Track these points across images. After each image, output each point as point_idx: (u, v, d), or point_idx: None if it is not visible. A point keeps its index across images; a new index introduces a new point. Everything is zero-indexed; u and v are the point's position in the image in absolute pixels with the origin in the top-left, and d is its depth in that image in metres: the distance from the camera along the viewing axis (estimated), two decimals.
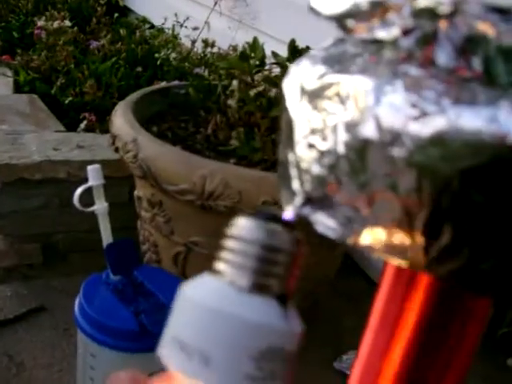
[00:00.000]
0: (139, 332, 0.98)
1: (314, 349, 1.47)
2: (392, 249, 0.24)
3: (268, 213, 0.26)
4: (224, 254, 0.26)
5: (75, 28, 2.70)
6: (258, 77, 1.29)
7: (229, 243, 0.26)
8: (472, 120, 0.21)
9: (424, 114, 0.22)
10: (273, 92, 1.24)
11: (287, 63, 1.25)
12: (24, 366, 1.40)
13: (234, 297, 0.25)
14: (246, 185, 1.10)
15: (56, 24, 2.50)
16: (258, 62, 1.32)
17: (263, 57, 1.34)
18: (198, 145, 1.36)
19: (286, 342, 0.25)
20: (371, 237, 0.24)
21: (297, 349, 0.26)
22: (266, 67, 1.34)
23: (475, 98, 0.22)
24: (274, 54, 1.32)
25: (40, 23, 2.62)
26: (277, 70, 1.32)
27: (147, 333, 0.97)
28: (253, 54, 1.33)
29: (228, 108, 1.30)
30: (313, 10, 0.28)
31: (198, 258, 1.27)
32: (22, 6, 3.13)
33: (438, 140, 0.21)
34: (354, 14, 0.26)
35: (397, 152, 0.23)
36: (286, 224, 0.26)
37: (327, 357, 1.50)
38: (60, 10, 2.86)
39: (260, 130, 1.24)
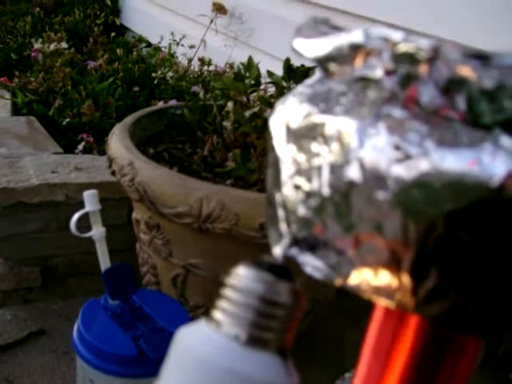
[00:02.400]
0: (138, 357, 0.96)
1: (316, 368, 1.46)
2: (380, 290, 0.23)
3: (268, 263, 0.26)
4: (222, 303, 0.26)
5: (72, 49, 2.71)
6: (253, 97, 1.28)
7: (227, 292, 0.26)
8: (455, 163, 0.21)
9: (407, 157, 0.22)
10: (268, 112, 1.24)
11: (282, 82, 1.25)
12: None
13: (236, 352, 0.24)
14: (243, 206, 1.09)
15: (52, 46, 2.50)
16: (253, 82, 1.31)
17: (258, 76, 1.33)
18: (195, 166, 1.35)
19: None
20: (359, 278, 0.24)
21: None
22: (262, 87, 1.34)
23: (458, 140, 0.22)
24: (270, 73, 1.31)
25: (37, 46, 2.63)
26: (272, 90, 1.31)
27: (146, 358, 0.96)
28: (248, 74, 1.32)
29: (224, 129, 1.30)
30: (296, 52, 0.28)
31: (196, 280, 1.25)
32: (20, 28, 3.16)
33: (422, 183, 0.21)
34: (335, 57, 0.26)
35: (381, 195, 0.23)
36: (287, 275, 0.26)
37: (330, 376, 1.49)
38: (57, 31, 2.87)
39: (256, 150, 1.23)
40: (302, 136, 0.27)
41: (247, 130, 1.22)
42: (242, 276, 0.26)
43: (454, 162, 0.21)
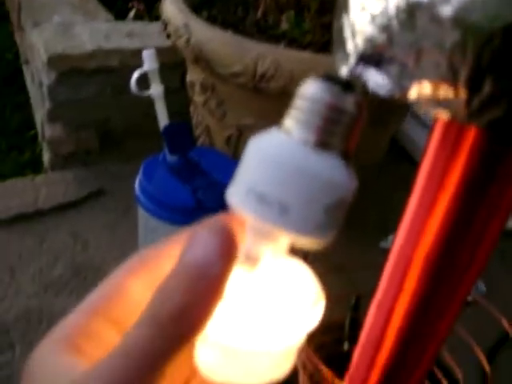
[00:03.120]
0: (196, 207, 1.03)
1: (362, 230, 1.52)
2: (437, 102, 0.25)
3: (335, 77, 0.27)
4: (292, 112, 0.28)
5: None
6: None
7: (297, 102, 0.28)
8: None
9: None
10: None
11: None
12: (88, 245, 1.49)
13: (307, 153, 0.26)
14: (297, 66, 1.10)
15: None
16: None
17: None
18: (248, 29, 1.35)
19: (349, 195, 0.27)
20: (418, 91, 0.25)
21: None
22: None
23: None
24: None
25: None
26: None
27: (203, 208, 1.02)
28: None
29: None
30: None
31: (249, 140, 1.27)
32: None
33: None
34: None
35: (444, 11, 0.24)
36: (351, 88, 0.27)
37: (374, 237, 1.54)
38: None
39: (310, 11, 1.23)
40: None
41: None
42: (311, 86, 0.27)
43: None
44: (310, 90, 0.28)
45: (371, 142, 1.32)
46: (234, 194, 0.28)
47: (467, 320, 0.88)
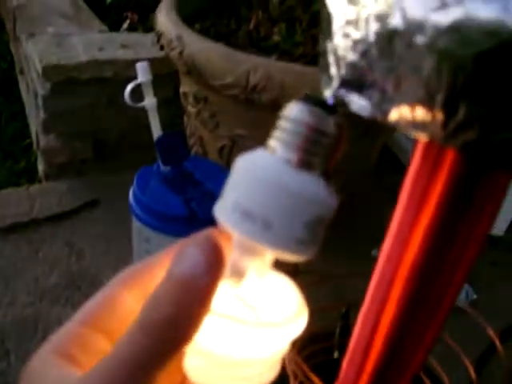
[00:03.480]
0: (189, 217, 1.04)
1: (353, 238, 1.53)
2: (416, 124, 0.26)
3: (316, 99, 0.29)
4: (276, 133, 0.29)
5: None
6: None
7: (281, 123, 0.29)
8: (485, 11, 0.23)
9: (444, 5, 0.23)
10: None
11: None
12: (83, 254, 1.50)
13: (289, 172, 0.28)
14: (288, 78, 1.11)
15: None
16: None
17: None
18: (240, 41, 1.37)
19: (329, 212, 0.29)
20: (398, 114, 0.26)
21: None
22: None
23: None
24: None
25: None
26: None
27: (196, 218, 1.03)
28: None
29: (269, 3, 1.30)
30: None
31: (242, 151, 1.27)
32: None
33: (455, 28, 0.23)
34: None
35: (420, 39, 0.25)
36: (332, 110, 0.28)
37: (365, 246, 1.55)
38: None
39: (301, 24, 1.24)
40: None
41: (293, 3, 1.23)
42: (293, 108, 0.29)
43: (484, 9, 0.22)
44: (293, 111, 0.29)
45: (360, 153, 1.34)
46: (221, 210, 0.29)
47: (456, 329, 0.89)
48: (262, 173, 0.28)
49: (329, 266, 0.97)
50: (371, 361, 0.37)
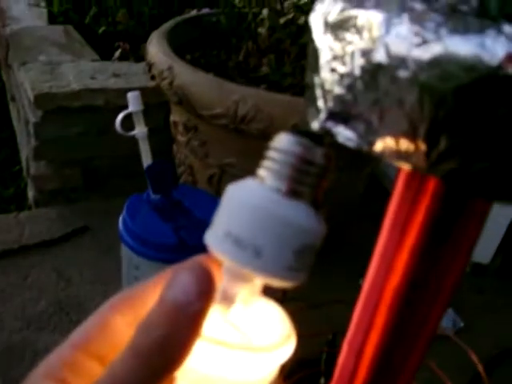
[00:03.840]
0: (178, 245, 1.05)
1: (340, 267, 1.53)
2: (399, 155, 0.27)
3: (304, 130, 0.30)
4: (265, 163, 0.30)
5: None
6: (287, 4, 1.30)
7: (270, 153, 0.30)
8: (463, 47, 0.24)
9: (424, 42, 0.25)
10: (302, 19, 1.26)
11: None
12: (71, 281, 1.49)
13: (279, 201, 0.29)
14: (277, 109, 1.13)
15: None
16: None
17: None
18: (230, 71, 1.39)
19: (318, 240, 0.30)
20: (383, 145, 0.27)
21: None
22: None
23: (468, 28, 0.26)
24: None
25: None
26: None
27: (185, 246, 1.04)
28: None
29: (258, 35, 1.32)
30: None
31: (231, 179, 1.27)
32: None
33: (435, 63, 0.24)
34: None
35: (402, 74, 0.26)
36: (319, 141, 0.30)
37: (352, 275, 1.56)
38: None
39: (290, 56, 1.26)
40: (338, 28, 0.30)
41: (282, 36, 1.25)
42: (283, 139, 0.30)
43: (462, 46, 0.24)
44: (282, 142, 0.30)
45: (347, 183, 1.35)
46: (212, 238, 0.30)
47: (444, 357, 0.90)
48: (253, 201, 0.29)
49: (316, 293, 0.98)
50: None
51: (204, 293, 0.27)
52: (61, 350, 0.29)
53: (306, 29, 1.21)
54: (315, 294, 0.98)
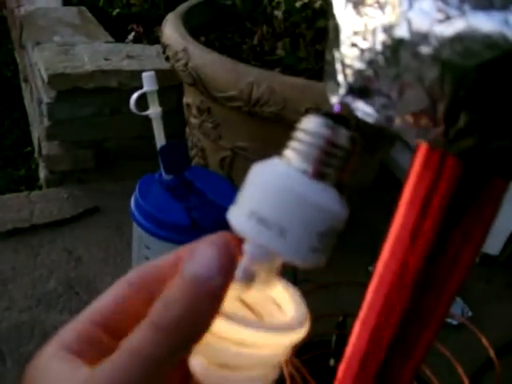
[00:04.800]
0: (190, 226, 1.05)
1: (351, 253, 1.54)
2: (418, 131, 0.27)
3: (333, 113, 0.30)
4: (293, 144, 0.30)
5: None
6: None
7: (297, 134, 0.30)
8: (487, 23, 0.24)
9: (447, 18, 0.24)
10: (318, 3, 1.25)
11: None
12: (82, 260, 1.51)
13: (306, 183, 0.29)
14: (291, 92, 1.13)
15: None
16: None
17: None
18: (244, 55, 1.38)
19: (341, 223, 0.30)
20: (401, 121, 0.27)
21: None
22: None
23: (492, 5, 0.26)
24: None
25: None
26: None
27: (197, 227, 1.04)
28: None
29: (274, 19, 1.32)
30: None
31: (243, 162, 1.32)
32: None
33: (458, 39, 0.24)
34: None
35: (424, 49, 0.26)
36: (347, 124, 0.30)
37: (363, 261, 1.56)
38: None
39: (305, 40, 1.26)
40: (360, 3, 0.31)
41: (297, 19, 1.24)
42: (311, 121, 0.30)
43: (485, 22, 0.23)
44: (311, 124, 0.30)
45: (359, 169, 1.35)
46: (236, 215, 0.30)
47: (453, 343, 0.90)
48: (280, 182, 0.29)
49: (326, 277, 0.98)
50: (367, 367, 0.38)
51: (225, 268, 0.27)
52: (76, 323, 0.29)
53: (321, 13, 1.20)
54: (325, 278, 0.99)
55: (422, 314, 0.35)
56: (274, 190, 0.29)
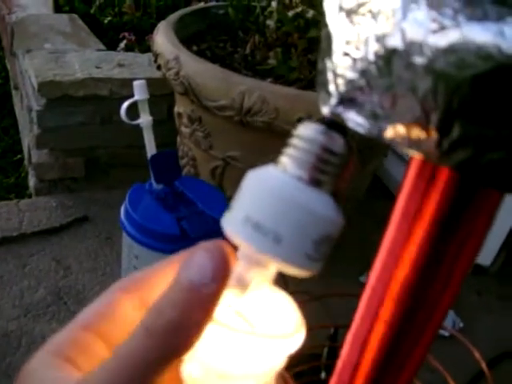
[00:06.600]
0: (180, 236, 1.04)
1: (341, 264, 1.53)
2: (411, 142, 0.26)
3: (329, 121, 0.29)
4: (288, 150, 0.30)
5: None
6: None
7: (293, 141, 0.30)
8: (481, 34, 0.24)
9: (442, 28, 0.24)
10: (310, 13, 1.25)
11: None
12: (70, 270, 1.49)
13: (302, 189, 0.28)
14: (283, 102, 1.13)
15: None
16: None
17: None
18: (236, 64, 1.38)
19: (336, 231, 0.29)
20: (394, 132, 0.27)
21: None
22: None
23: (486, 16, 0.26)
24: None
25: None
26: None
27: (187, 237, 1.04)
28: None
29: (266, 28, 1.32)
30: None
31: (234, 172, 1.31)
32: None
33: (452, 50, 0.23)
34: None
35: (418, 60, 0.26)
36: (343, 132, 0.29)
37: (354, 272, 1.56)
38: None
39: (297, 50, 1.26)
40: (353, 13, 0.30)
41: (289, 29, 1.24)
42: (307, 128, 0.29)
43: (480, 33, 0.23)
44: (307, 131, 0.30)
45: (351, 180, 1.35)
46: (231, 221, 0.29)
47: (444, 354, 0.90)
48: (276, 188, 0.28)
49: (316, 288, 0.98)
50: (359, 380, 0.37)
51: (219, 275, 0.26)
52: (68, 330, 0.29)
53: (314, 23, 1.20)
54: (316, 289, 0.98)
55: (414, 327, 0.35)
56: (269, 196, 0.28)
